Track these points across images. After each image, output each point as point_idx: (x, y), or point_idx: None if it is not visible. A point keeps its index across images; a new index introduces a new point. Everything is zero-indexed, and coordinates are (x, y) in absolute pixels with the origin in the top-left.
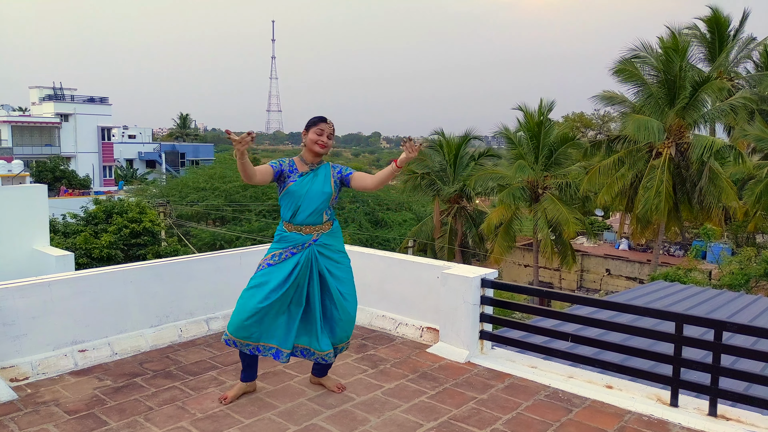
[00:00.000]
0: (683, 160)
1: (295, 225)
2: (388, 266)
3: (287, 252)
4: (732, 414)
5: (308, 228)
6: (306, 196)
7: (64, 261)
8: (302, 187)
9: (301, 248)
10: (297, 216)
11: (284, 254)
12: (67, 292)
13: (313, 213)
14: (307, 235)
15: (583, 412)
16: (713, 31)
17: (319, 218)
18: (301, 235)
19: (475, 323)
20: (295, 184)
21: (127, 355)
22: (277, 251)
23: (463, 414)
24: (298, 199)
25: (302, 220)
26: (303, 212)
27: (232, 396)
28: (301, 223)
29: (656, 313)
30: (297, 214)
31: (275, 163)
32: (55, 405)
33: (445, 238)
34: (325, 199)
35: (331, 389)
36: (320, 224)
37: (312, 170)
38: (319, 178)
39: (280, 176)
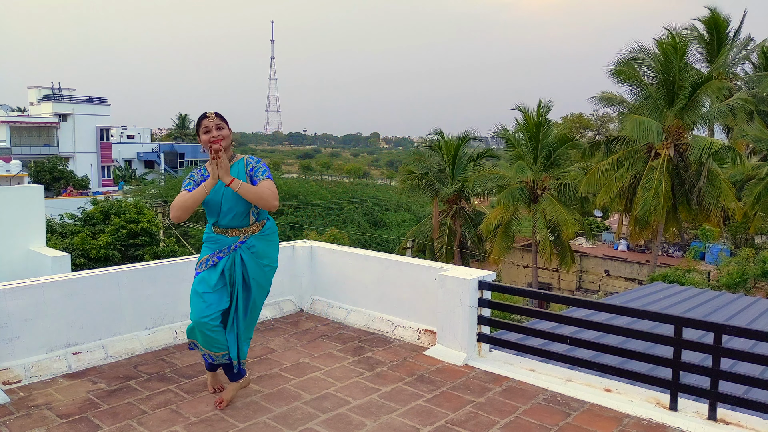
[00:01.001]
0: (682, 161)
1: (221, 228)
2: (385, 268)
3: (214, 257)
4: (732, 418)
5: (234, 231)
6: (223, 200)
7: (60, 262)
8: (217, 192)
9: (227, 251)
10: (219, 221)
11: (211, 260)
12: (60, 294)
13: (236, 216)
14: (232, 237)
15: (582, 416)
16: (712, 32)
17: (245, 220)
18: (227, 237)
19: (473, 325)
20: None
21: (122, 357)
22: (205, 257)
23: (460, 418)
24: (216, 204)
25: (226, 224)
26: (225, 216)
27: (227, 400)
28: (226, 226)
29: (655, 315)
30: (219, 219)
31: (188, 184)
32: (48, 408)
33: (444, 239)
34: (242, 199)
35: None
36: (247, 226)
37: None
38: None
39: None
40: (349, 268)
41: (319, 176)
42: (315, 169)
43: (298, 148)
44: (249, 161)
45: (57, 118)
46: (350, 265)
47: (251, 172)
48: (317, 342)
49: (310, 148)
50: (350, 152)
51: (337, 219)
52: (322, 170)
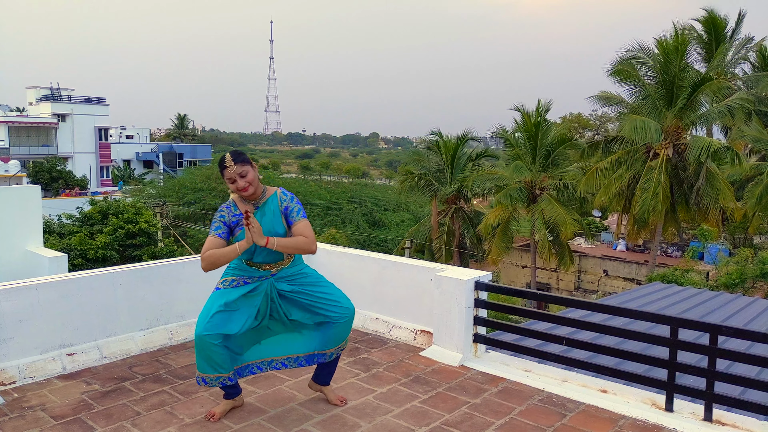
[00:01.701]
0: (680, 161)
1: (255, 263)
2: (382, 268)
3: (242, 279)
4: (728, 419)
5: (267, 266)
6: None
7: (57, 262)
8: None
9: (258, 279)
10: (254, 258)
11: (236, 281)
12: (54, 295)
13: (271, 254)
14: (265, 270)
15: (577, 417)
16: (710, 32)
17: (280, 256)
18: (260, 270)
19: (469, 326)
20: (243, 231)
21: (117, 358)
22: (230, 278)
23: (456, 419)
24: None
25: (261, 261)
26: (259, 254)
27: (219, 413)
28: (261, 262)
29: (651, 316)
30: (253, 256)
31: (218, 227)
32: (42, 410)
33: (443, 239)
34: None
35: (332, 402)
36: (281, 261)
37: (257, 209)
38: (267, 217)
39: (230, 232)
40: (346, 268)
41: (318, 176)
42: (314, 169)
43: (297, 148)
44: (283, 198)
45: (56, 118)
46: (347, 266)
47: (286, 211)
48: None
49: (310, 148)
50: (349, 152)
51: (336, 219)
52: (321, 170)
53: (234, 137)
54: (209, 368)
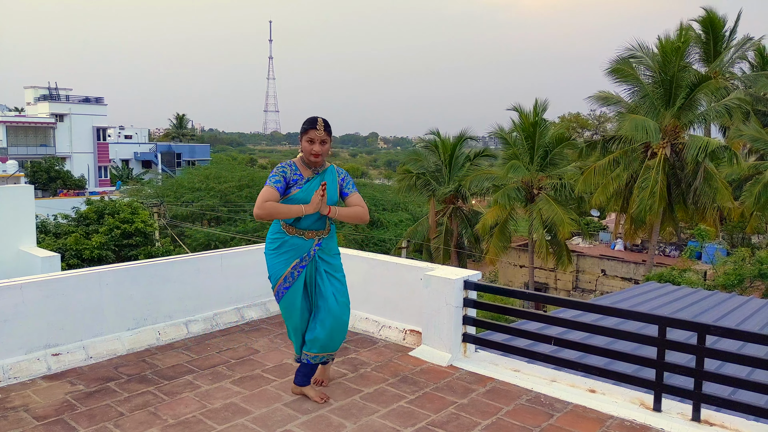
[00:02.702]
0: (678, 161)
1: (298, 229)
2: (371, 267)
3: (297, 269)
4: (716, 419)
5: (311, 233)
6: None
7: (50, 262)
8: (308, 193)
9: (308, 258)
10: (302, 221)
11: (295, 272)
12: (39, 295)
13: (319, 220)
14: (309, 239)
15: (565, 417)
16: (708, 31)
17: (323, 224)
18: (304, 240)
19: (458, 326)
20: (301, 191)
21: (103, 359)
22: (286, 272)
23: (442, 419)
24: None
25: (307, 226)
26: (308, 218)
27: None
28: (306, 228)
29: (640, 315)
30: (302, 219)
31: (278, 181)
32: (24, 410)
33: (441, 239)
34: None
35: (313, 399)
36: (323, 229)
37: (318, 174)
38: (328, 184)
39: (286, 187)
40: None
41: None
42: None
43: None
44: (339, 172)
45: (54, 118)
46: None
47: (342, 182)
48: None
49: None
50: (349, 152)
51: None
52: None
53: (233, 137)
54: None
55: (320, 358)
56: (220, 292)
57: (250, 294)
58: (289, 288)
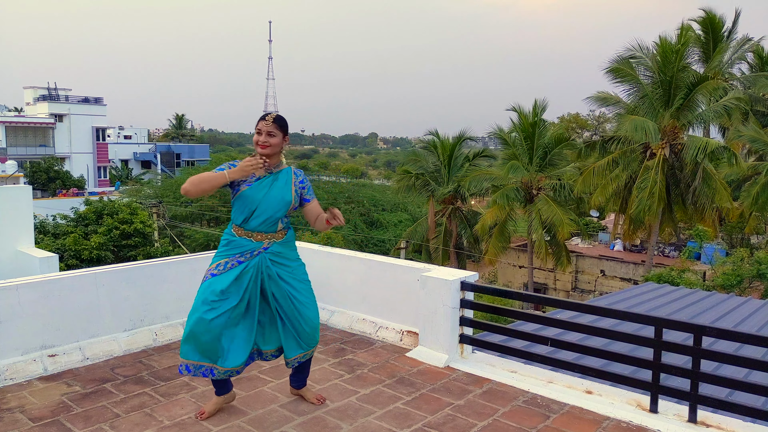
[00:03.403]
0: (677, 161)
1: (246, 230)
2: (369, 269)
3: (233, 261)
4: (712, 420)
5: (260, 235)
6: (262, 201)
7: (48, 263)
8: (258, 191)
9: (250, 256)
10: (249, 221)
11: (230, 263)
12: (35, 296)
13: (267, 221)
14: (257, 242)
15: (561, 419)
16: (707, 32)
17: (273, 226)
18: (251, 241)
19: (455, 327)
20: (250, 188)
21: (99, 360)
22: (222, 260)
23: (438, 421)
24: (252, 204)
25: (254, 227)
26: (256, 218)
27: (209, 411)
28: (253, 229)
29: (636, 317)
30: (250, 219)
31: (221, 169)
32: (20, 412)
33: (440, 239)
34: (283, 207)
35: (310, 401)
36: (273, 233)
37: (271, 173)
38: (278, 183)
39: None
40: (333, 268)
41: (317, 176)
42: (312, 170)
43: (296, 149)
44: (297, 173)
45: (53, 118)
46: (334, 266)
47: (302, 185)
48: None
49: (308, 148)
50: (348, 152)
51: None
52: (320, 170)
53: (232, 137)
54: (199, 353)
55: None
56: None
57: None
58: (216, 276)
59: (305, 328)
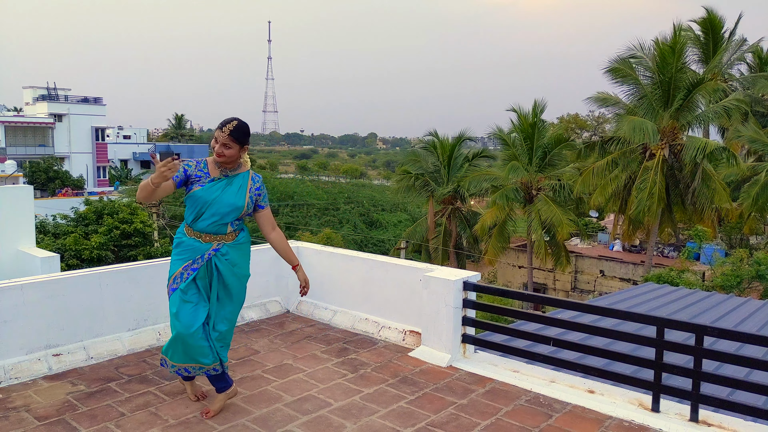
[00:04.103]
0: (676, 162)
1: (195, 231)
2: (371, 269)
3: (188, 270)
4: (714, 420)
5: (208, 236)
6: (212, 203)
7: (49, 262)
8: (210, 193)
9: (202, 261)
10: (198, 222)
11: (185, 273)
12: (40, 296)
13: (216, 223)
14: (206, 243)
15: (564, 418)
16: (707, 32)
17: (222, 228)
18: (200, 243)
19: (457, 327)
20: (202, 189)
21: (103, 359)
22: (178, 270)
23: (441, 420)
24: (203, 205)
25: (203, 228)
26: (205, 220)
27: (215, 410)
28: (202, 230)
29: (638, 317)
30: (198, 220)
31: (178, 172)
32: (26, 410)
33: (439, 239)
34: (233, 211)
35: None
36: (223, 234)
37: (225, 177)
38: (232, 188)
39: (185, 182)
40: (336, 269)
41: (316, 177)
42: (312, 170)
43: (295, 149)
44: (255, 179)
45: (52, 118)
46: (336, 266)
47: (258, 192)
48: (302, 343)
49: (307, 148)
50: (347, 153)
51: (332, 219)
52: (319, 171)
53: None
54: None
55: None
56: None
57: (250, 295)
58: (176, 290)
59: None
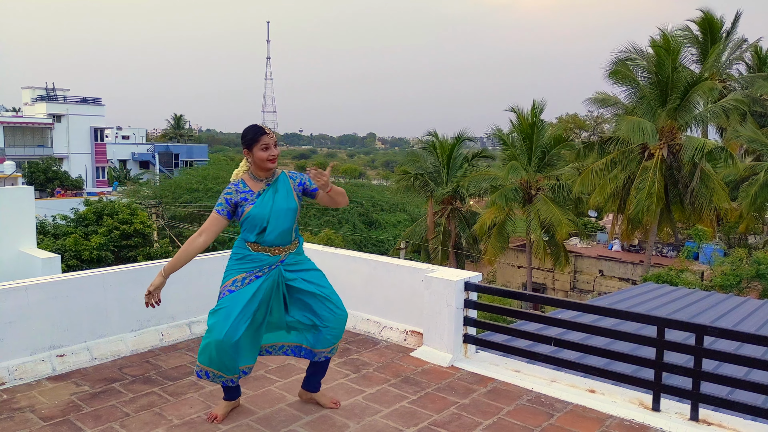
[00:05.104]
0: (675, 162)
1: (263, 246)
2: (372, 269)
3: (251, 276)
4: (714, 419)
5: (276, 249)
6: (272, 215)
7: (50, 263)
8: (264, 207)
9: (268, 270)
10: (265, 237)
11: (247, 278)
12: (44, 296)
13: (283, 233)
14: (274, 256)
15: (565, 417)
16: (705, 32)
17: (288, 237)
18: (269, 256)
19: (459, 327)
20: (255, 206)
21: (107, 360)
22: (239, 275)
23: (444, 419)
24: (263, 220)
25: (271, 241)
26: (271, 233)
27: (222, 415)
28: (270, 244)
29: (638, 316)
30: (265, 234)
31: (222, 206)
32: (31, 411)
33: (439, 239)
34: (292, 214)
35: (326, 406)
36: (288, 244)
37: (269, 186)
38: (280, 193)
39: (234, 210)
40: (337, 269)
41: None
42: None
43: (294, 149)
44: (293, 176)
45: (51, 118)
46: (338, 267)
47: (303, 185)
48: None
49: (306, 148)
50: (346, 153)
51: (332, 220)
52: None
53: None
54: (218, 367)
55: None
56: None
57: None
58: (234, 292)
59: (334, 318)
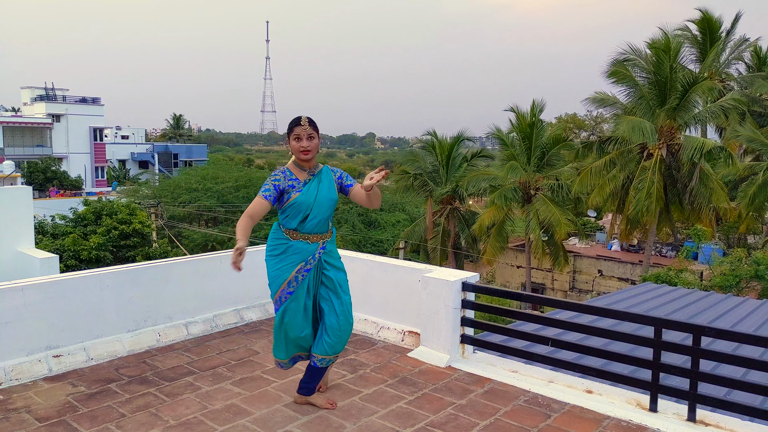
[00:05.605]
0: (674, 162)
1: (303, 234)
2: (370, 269)
3: (300, 273)
4: (711, 419)
5: (315, 236)
6: (315, 204)
7: (48, 263)
8: (310, 195)
9: (313, 262)
10: (306, 224)
11: (299, 276)
12: (40, 297)
13: (322, 221)
14: (314, 243)
15: (562, 418)
16: (704, 32)
17: (326, 226)
18: (308, 243)
19: (456, 327)
20: (302, 194)
21: (103, 360)
22: (291, 274)
23: (441, 420)
24: (307, 208)
25: (310, 229)
26: (312, 220)
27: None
28: (310, 231)
29: (635, 317)
30: (306, 222)
31: (269, 191)
32: (27, 412)
33: (438, 239)
34: (332, 206)
35: (322, 407)
36: (326, 232)
37: (314, 176)
38: (324, 183)
39: (279, 196)
40: None
41: None
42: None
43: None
44: (335, 171)
45: (50, 118)
46: None
47: (340, 180)
48: None
49: None
50: (346, 152)
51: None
52: None
53: (230, 137)
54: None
55: (327, 361)
56: (219, 293)
57: (250, 296)
58: (293, 293)
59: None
